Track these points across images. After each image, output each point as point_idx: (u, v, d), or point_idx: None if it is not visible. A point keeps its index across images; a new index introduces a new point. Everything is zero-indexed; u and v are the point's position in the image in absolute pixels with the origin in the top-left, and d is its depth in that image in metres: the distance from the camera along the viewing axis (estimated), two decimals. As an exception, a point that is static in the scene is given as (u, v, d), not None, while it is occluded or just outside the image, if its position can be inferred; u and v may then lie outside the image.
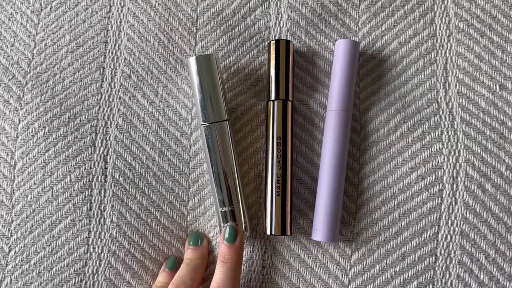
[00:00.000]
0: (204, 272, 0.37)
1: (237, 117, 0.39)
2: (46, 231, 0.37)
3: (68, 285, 0.37)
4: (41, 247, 0.37)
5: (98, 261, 0.37)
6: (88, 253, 0.37)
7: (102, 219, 0.38)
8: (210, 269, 0.37)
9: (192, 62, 0.36)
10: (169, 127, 0.39)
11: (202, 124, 0.36)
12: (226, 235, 0.35)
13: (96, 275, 0.37)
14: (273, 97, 0.37)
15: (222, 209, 0.36)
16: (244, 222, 0.36)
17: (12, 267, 0.37)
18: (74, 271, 0.37)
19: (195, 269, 0.35)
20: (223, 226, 0.36)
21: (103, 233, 0.38)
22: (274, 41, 0.38)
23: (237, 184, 0.36)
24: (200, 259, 0.36)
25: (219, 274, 0.34)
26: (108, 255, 0.37)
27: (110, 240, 0.37)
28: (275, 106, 0.37)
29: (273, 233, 0.35)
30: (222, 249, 0.34)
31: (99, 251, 0.37)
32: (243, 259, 0.37)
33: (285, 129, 0.37)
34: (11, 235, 0.38)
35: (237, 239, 0.35)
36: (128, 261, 0.37)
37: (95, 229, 0.38)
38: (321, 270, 0.37)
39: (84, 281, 0.37)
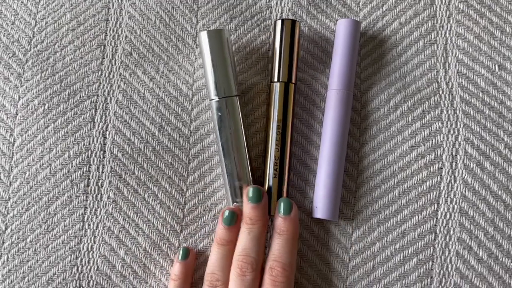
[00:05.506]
0: (265, 240, 0.35)
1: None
2: (43, 208, 0.37)
3: (64, 263, 0.36)
4: (37, 224, 0.37)
5: (93, 238, 0.37)
6: (83, 230, 0.37)
7: (99, 195, 0.37)
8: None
9: (204, 36, 0.36)
10: (169, 102, 0.39)
11: (223, 97, 0.35)
12: (281, 207, 0.34)
13: (91, 252, 0.37)
14: (275, 79, 0.37)
15: (239, 183, 0.35)
16: None
17: (9, 245, 0.37)
18: (70, 248, 0.37)
19: (257, 239, 0.33)
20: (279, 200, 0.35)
21: (99, 209, 0.37)
22: (280, 21, 0.37)
23: (250, 159, 0.36)
24: (262, 221, 0.34)
25: (275, 245, 0.33)
26: (102, 231, 0.37)
27: (105, 216, 0.37)
28: (277, 88, 0.37)
29: (271, 214, 0.35)
30: (277, 221, 0.34)
31: (94, 228, 0.37)
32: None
33: (285, 112, 0.36)
34: (8, 213, 0.37)
35: (292, 211, 0.34)
36: (122, 237, 0.37)
37: (91, 205, 0.37)
38: (323, 248, 0.37)
39: (79, 258, 0.36)
